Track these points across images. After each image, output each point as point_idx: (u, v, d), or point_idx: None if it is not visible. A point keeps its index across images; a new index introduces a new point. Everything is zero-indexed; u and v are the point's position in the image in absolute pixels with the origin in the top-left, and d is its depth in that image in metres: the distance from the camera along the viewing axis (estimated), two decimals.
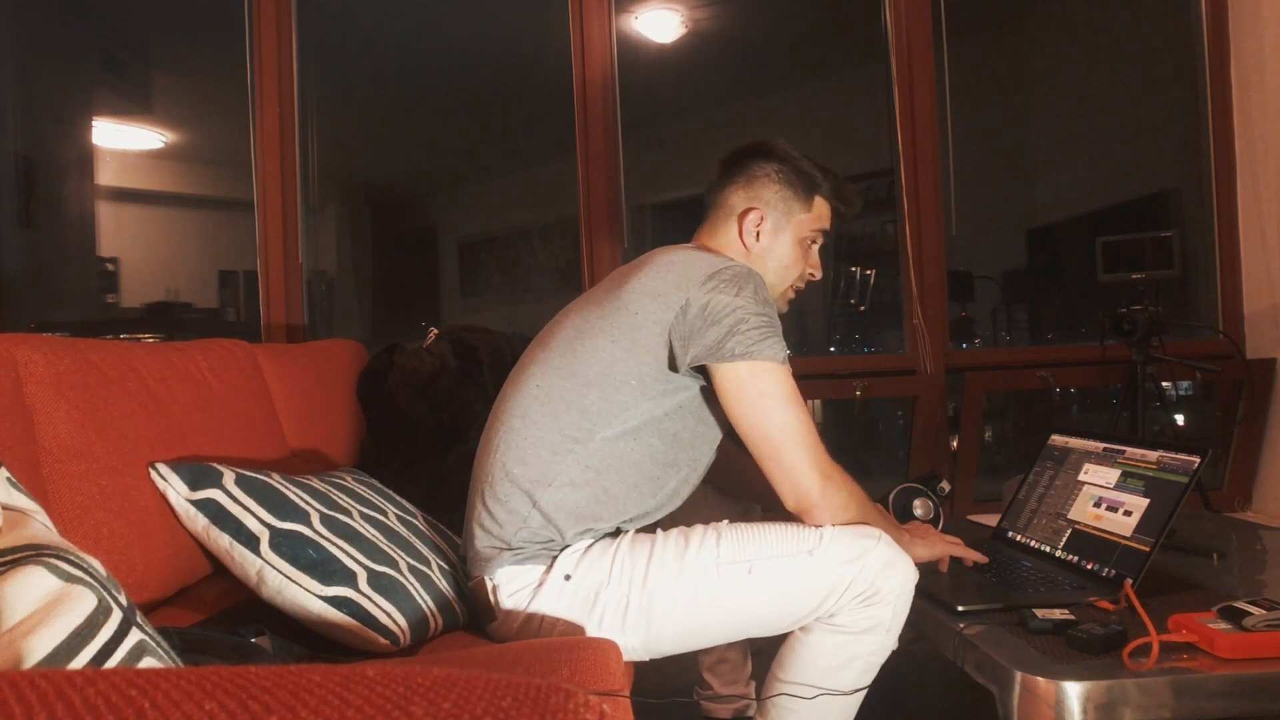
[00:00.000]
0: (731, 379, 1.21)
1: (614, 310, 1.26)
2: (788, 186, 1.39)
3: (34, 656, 0.60)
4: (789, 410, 1.21)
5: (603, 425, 1.23)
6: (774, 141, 1.42)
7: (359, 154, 2.95)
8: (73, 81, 2.75)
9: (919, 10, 2.62)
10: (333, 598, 1.11)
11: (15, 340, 1.06)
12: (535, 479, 1.22)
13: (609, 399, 1.23)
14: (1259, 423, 2.62)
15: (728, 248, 1.39)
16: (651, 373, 1.23)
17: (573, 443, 1.22)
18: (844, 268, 2.93)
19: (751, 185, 1.39)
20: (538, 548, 1.21)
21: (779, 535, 1.20)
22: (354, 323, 2.89)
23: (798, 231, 1.40)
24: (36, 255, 2.70)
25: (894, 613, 1.19)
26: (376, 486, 1.45)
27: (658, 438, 1.26)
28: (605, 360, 1.24)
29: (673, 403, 1.26)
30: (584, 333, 1.27)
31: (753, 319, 1.21)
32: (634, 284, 1.27)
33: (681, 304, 1.22)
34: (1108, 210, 2.99)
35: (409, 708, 0.42)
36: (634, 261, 1.38)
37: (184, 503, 1.16)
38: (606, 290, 1.32)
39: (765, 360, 1.20)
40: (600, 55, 2.55)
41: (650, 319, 1.23)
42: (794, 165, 1.40)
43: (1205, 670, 1.05)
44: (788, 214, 1.39)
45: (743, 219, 1.38)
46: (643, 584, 1.17)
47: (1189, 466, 1.37)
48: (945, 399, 2.59)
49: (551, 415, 1.24)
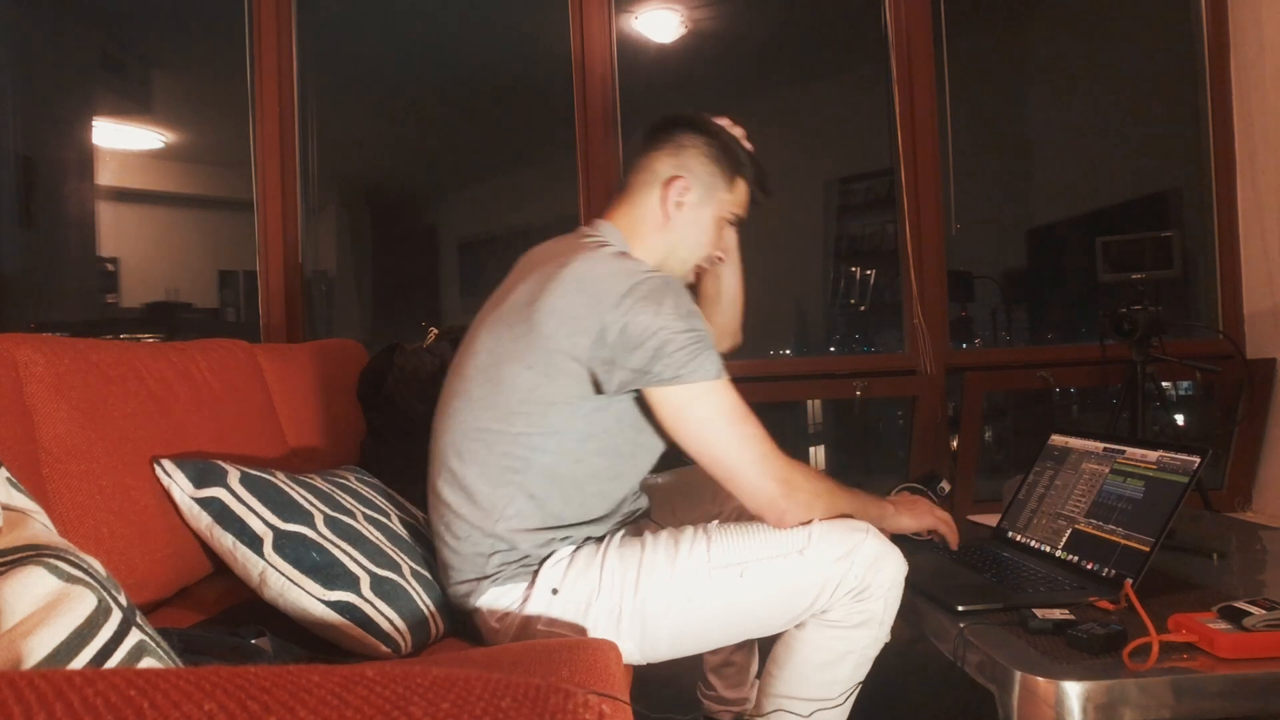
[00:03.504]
0: (667, 406, 1.18)
1: (526, 334, 1.19)
2: (715, 162, 1.35)
3: (34, 657, 0.60)
4: (733, 428, 1.18)
5: (538, 453, 1.19)
6: (703, 115, 1.39)
7: (359, 154, 2.95)
8: (73, 81, 2.75)
9: (919, 10, 2.61)
10: (335, 602, 1.10)
11: (15, 340, 1.06)
12: (485, 515, 1.20)
13: (538, 426, 1.19)
14: (1259, 423, 2.62)
15: (645, 219, 1.35)
16: (577, 395, 1.19)
17: (512, 474, 1.20)
18: (844, 268, 2.93)
19: (680, 154, 1.35)
20: (515, 568, 1.20)
21: (769, 535, 1.20)
22: (354, 323, 2.89)
23: (718, 209, 1.37)
24: (36, 255, 2.70)
25: (885, 606, 1.20)
26: (379, 487, 1.45)
27: (597, 455, 1.23)
28: (526, 388, 1.18)
29: (607, 418, 1.22)
30: (500, 359, 1.22)
31: (678, 338, 1.15)
32: (544, 304, 1.18)
33: (598, 329, 1.15)
34: (1108, 210, 2.99)
35: (408, 708, 0.42)
36: (534, 262, 1.31)
37: (188, 500, 1.15)
38: (516, 308, 1.23)
39: (699, 382, 1.16)
40: (600, 55, 2.55)
41: (566, 343, 1.16)
42: (723, 142, 1.37)
43: (1205, 670, 1.05)
44: (712, 189, 1.36)
45: (668, 185, 1.33)
46: (634, 592, 1.17)
47: (1189, 466, 1.37)
48: (945, 399, 2.58)
49: (486, 449, 1.21)
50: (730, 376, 1.21)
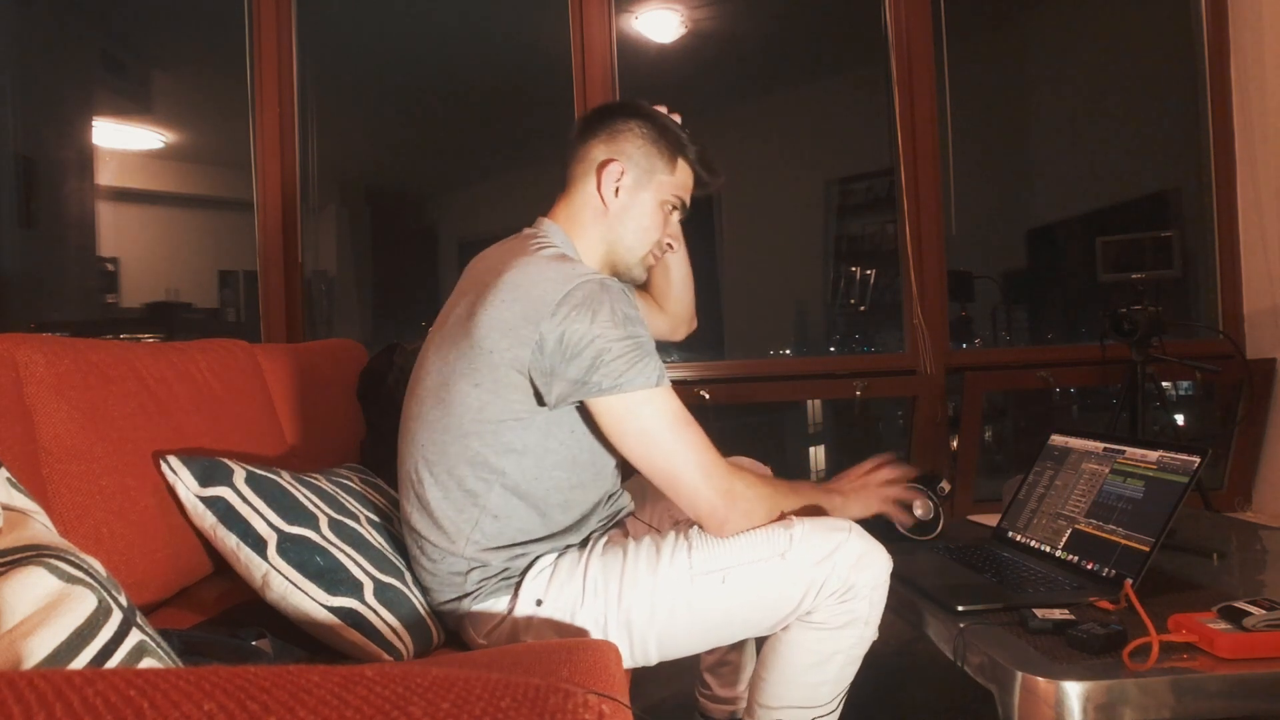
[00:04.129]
0: (608, 415, 1.16)
1: (468, 349, 1.16)
2: (652, 144, 1.32)
3: (34, 657, 0.60)
4: (674, 438, 1.16)
5: (498, 473, 1.18)
6: (639, 101, 1.36)
7: (359, 154, 2.95)
8: (73, 81, 2.75)
9: (919, 10, 2.61)
10: (338, 608, 1.10)
11: (15, 340, 1.06)
12: (451, 540, 1.19)
13: (492, 445, 1.17)
14: (1259, 423, 2.62)
15: (584, 208, 1.32)
16: (525, 409, 1.17)
17: (473, 497, 1.18)
18: (844, 268, 2.93)
19: (614, 139, 1.31)
20: (495, 583, 1.20)
21: (750, 540, 1.18)
22: (354, 323, 2.89)
23: (659, 193, 1.33)
24: (36, 255, 2.70)
25: (870, 605, 1.19)
26: (382, 487, 1.45)
27: (555, 469, 1.21)
28: (475, 406, 1.17)
29: (562, 431, 1.20)
30: (448, 378, 1.19)
31: (615, 346, 1.12)
32: (482, 316, 1.16)
33: (536, 340, 1.13)
34: (1108, 210, 2.99)
35: (408, 708, 0.42)
36: (476, 271, 1.30)
37: (193, 498, 1.15)
38: (458, 322, 1.20)
39: (637, 390, 1.14)
40: (600, 55, 2.55)
41: (507, 357, 1.14)
42: (659, 123, 1.34)
43: (1205, 670, 1.05)
44: (650, 171, 1.32)
45: (601, 170, 1.29)
46: (618, 601, 1.16)
47: (1189, 466, 1.37)
48: (945, 399, 2.58)
49: (446, 473, 1.19)
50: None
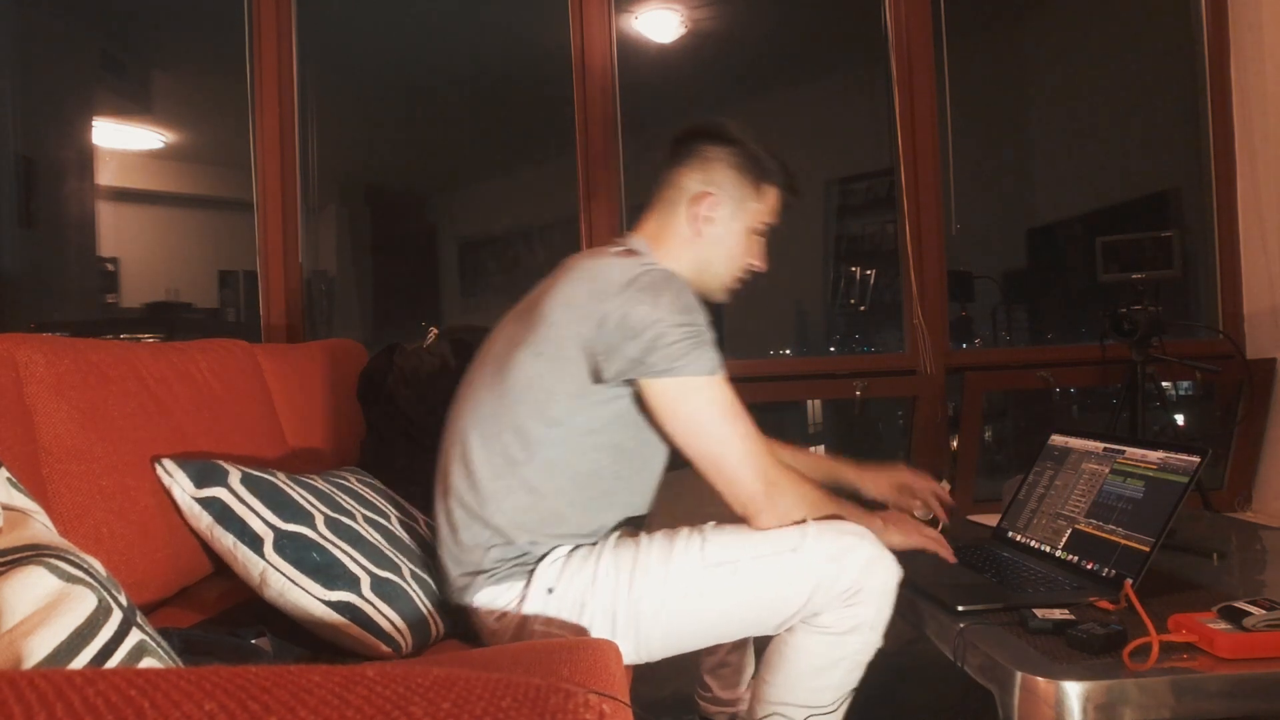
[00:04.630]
0: (660, 397, 1.18)
1: (535, 322, 1.22)
2: (742, 172, 1.34)
3: (34, 657, 0.60)
4: (724, 425, 1.18)
5: (540, 445, 1.20)
6: (728, 123, 1.37)
7: (359, 154, 2.95)
8: (73, 81, 2.75)
9: (919, 10, 2.61)
10: (336, 602, 1.10)
11: (15, 340, 1.06)
12: (484, 504, 1.21)
13: (540, 415, 1.20)
14: (1259, 423, 2.62)
15: (674, 234, 1.34)
16: (578, 386, 1.19)
17: (513, 465, 1.20)
18: (844, 268, 2.93)
19: (706, 168, 1.33)
20: (510, 566, 1.21)
21: (763, 535, 1.19)
22: (354, 323, 2.89)
23: (748, 220, 1.35)
24: (36, 255, 2.70)
25: (877, 611, 1.19)
26: (379, 487, 1.45)
27: (600, 452, 1.23)
28: (530, 375, 1.20)
29: (609, 413, 1.22)
30: (511, 349, 1.24)
31: (673, 331, 1.15)
32: (553, 294, 1.23)
33: (599, 317, 1.17)
34: (1108, 210, 2.99)
35: (408, 708, 0.42)
36: (559, 266, 1.33)
37: (189, 499, 1.16)
38: (531, 302, 1.28)
39: (692, 376, 1.16)
40: (600, 55, 2.55)
41: (569, 331, 1.19)
42: (749, 151, 1.35)
43: (1205, 670, 1.04)
44: (740, 200, 1.34)
45: (696, 202, 1.32)
46: (629, 590, 1.17)
47: (1189, 466, 1.37)
48: (945, 399, 2.58)
49: (493, 436, 1.22)
50: (729, 375, 1.21)
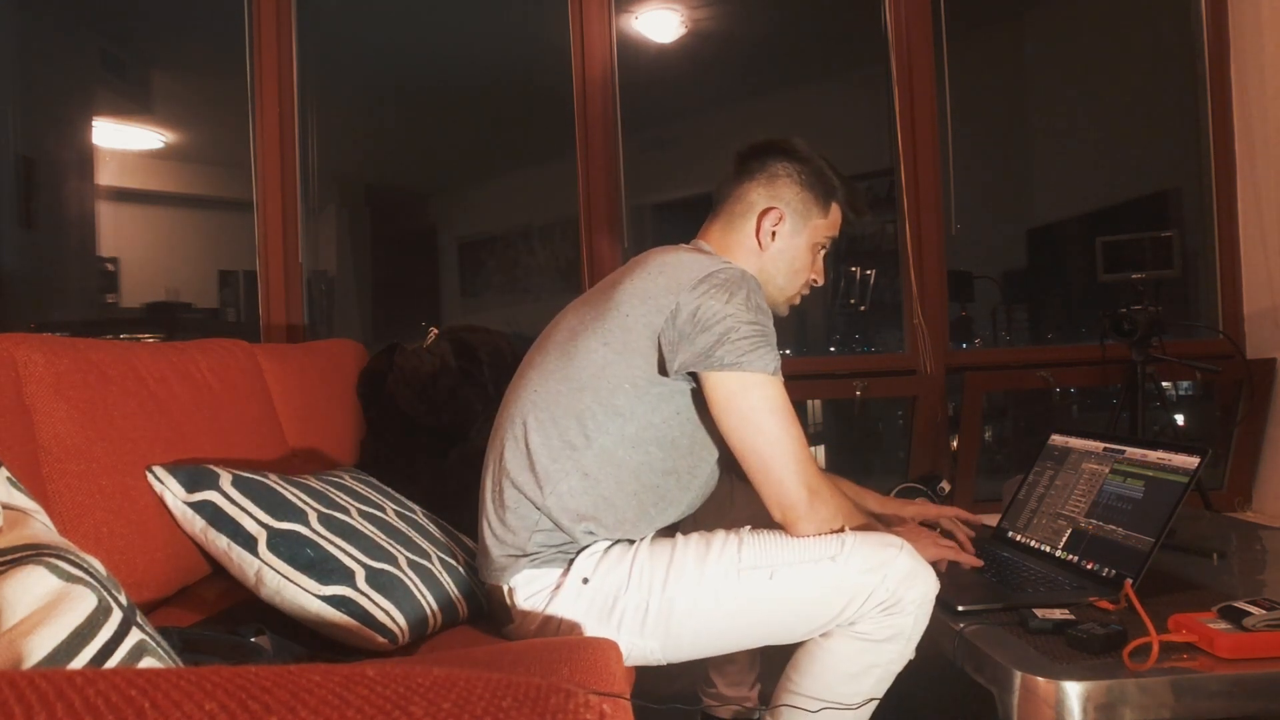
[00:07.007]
0: (721, 390, 1.19)
1: (606, 312, 1.25)
2: (808, 189, 1.37)
3: (34, 656, 0.60)
4: (778, 425, 1.19)
5: (600, 432, 1.21)
6: (795, 141, 1.40)
7: (359, 154, 2.95)
8: (73, 81, 2.75)
9: (919, 10, 2.61)
10: (331, 597, 1.11)
11: (15, 340, 1.06)
12: (537, 486, 1.21)
13: (603, 403, 1.21)
14: (1259, 423, 2.62)
15: (739, 246, 1.37)
16: (644, 376, 1.21)
17: (571, 449, 1.21)
18: (844, 268, 2.93)
19: (773, 184, 1.37)
20: (553, 551, 1.21)
21: (801, 542, 1.19)
22: (354, 323, 2.88)
23: (812, 236, 1.39)
24: (36, 255, 2.70)
25: (915, 622, 1.19)
26: (374, 484, 1.45)
27: (656, 445, 1.24)
28: (598, 363, 1.22)
29: (669, 408, 1.24)
30: (578, 335, 1.26)
31: (743, 328, 1.18)
32: (627, 285, 1.25)
33: (672, 308, 1.20)
34: (1108, 210, 2.99)
35: (409, 708, 0.42)
36: (631, 260, 1.36)
37: (181, 505, 1.16)
38: (601, 291, 1.31)
39: (755, 372, 1.18)
40: (600, 55, 2.55)
41: (640, 321, 1.21)
42: (815, 168, 1.38)
43: (1205, 670, 1.05)
44: (806, 217, 1.37)
45: (763, 217, 1.36)
46: (662, 589, 1.17)
47: (1189, 466, 1.37)
48: (945, 399, 2.58)
49: (550, 421, 1.23)
50: None
